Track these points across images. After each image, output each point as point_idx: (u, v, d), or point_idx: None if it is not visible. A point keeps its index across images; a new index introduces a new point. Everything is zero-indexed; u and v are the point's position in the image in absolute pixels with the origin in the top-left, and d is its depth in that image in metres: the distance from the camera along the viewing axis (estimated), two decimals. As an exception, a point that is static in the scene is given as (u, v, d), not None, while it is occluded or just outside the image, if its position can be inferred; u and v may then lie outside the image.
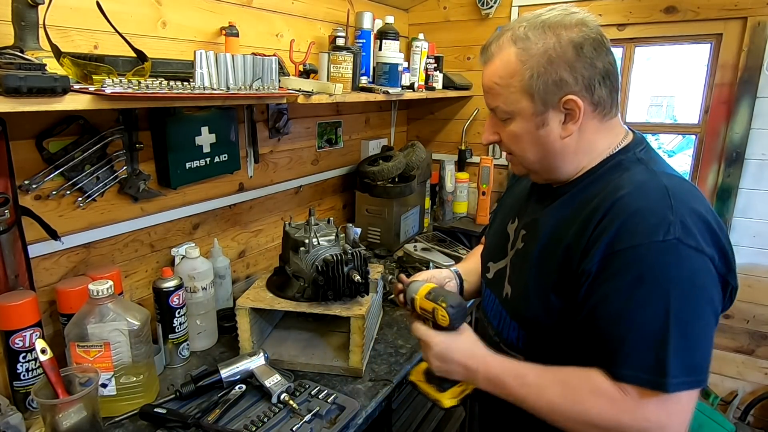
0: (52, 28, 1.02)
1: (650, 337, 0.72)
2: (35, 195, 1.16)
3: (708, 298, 0.73)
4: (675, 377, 0.70)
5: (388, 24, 2.06)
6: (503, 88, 0.83)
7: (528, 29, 0.81)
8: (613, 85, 0.83)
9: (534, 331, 0.90)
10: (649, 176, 0.80)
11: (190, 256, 1.39)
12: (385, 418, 1.35)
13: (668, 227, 0.72)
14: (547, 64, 0.79)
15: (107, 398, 1.10)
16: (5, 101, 0.77)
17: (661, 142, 7.65)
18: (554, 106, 0.81)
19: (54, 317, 1.23)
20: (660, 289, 0.71)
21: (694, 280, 0.72)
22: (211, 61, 1.12)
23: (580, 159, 0.86)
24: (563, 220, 0.85)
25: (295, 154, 1.95)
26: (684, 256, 0.71)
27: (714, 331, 0.75)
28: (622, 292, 0.74)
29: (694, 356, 0.72)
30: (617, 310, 0.74)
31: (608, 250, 0.75)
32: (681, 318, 0.71)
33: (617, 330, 0.74)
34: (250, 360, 1.23)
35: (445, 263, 1.92)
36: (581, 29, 0.80)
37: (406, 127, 2.77)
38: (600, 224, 0.77)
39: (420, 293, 0.95)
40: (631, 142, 0.87)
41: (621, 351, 0.74)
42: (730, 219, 2.06)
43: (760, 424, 2.19)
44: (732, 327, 2.17)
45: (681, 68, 6.45)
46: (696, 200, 0.77)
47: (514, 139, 0.87)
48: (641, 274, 0.72)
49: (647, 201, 0.75)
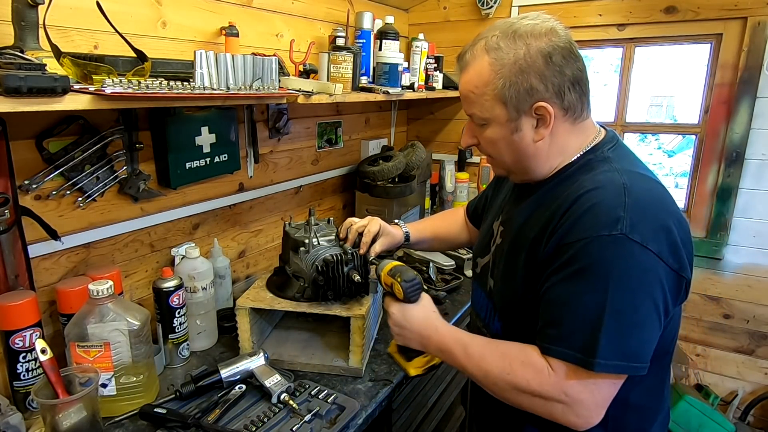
0: (52, 28, 1.02)
1: (586, 322, 0.77)
2: (35, 195, 1.16)
3: (647, 292, 0.77)
4: (603, 359, 0.75)
5: (388, 24, 2.06)
6: (478, 96, 0.88)
7: (500, 39, 0.84)
8: (583, 90, 0.88)
9: (511, 320, 0.97)
10: (610, 175, 0.84)
11: (190, 256, 1.39)
12: (385, 418, 1.35)
13: (616, 222, 0.76)
14: (519, 73, 0.83)
15: (107, 398, 1.10)
16: (5, 101, 0.77)
17: (661, 142, 7.66)
18: (526, 113, 0.86)
19: (54, 317, 1.23)
20: (600, 280, 0.77)
21: (634, 274, 0.76)
22: (211, 61, 1.12)
23: (554, 160, 0.91)
24: (532, 216, 0.92)
25: (295, 154, 1.95)
26: (627, 250, 0.76)
27: (656, 324, 0.79)
28: (567, 280, 0.80)
29: (628, 344, 0.76)
30: (560, 296, 0.81)
31: (561, 241, 0.81)
32: (616, 308, 0.76)
33: (557, 313, 0.81)
34: (250, 360, 1.23)
35: (445, 263, 1.92)
36: (550, 39, 0.83)
37: (406, 127, 2.77)
38: (561, 219, 0.83)
39: (384, 270, 1.06)
40: (601, 141, 0.92)
41: (557, 331, 0.81)
42: (730, 219, 2.06)
43: (760, 424, 2.19)
44: (732, 327, 2.17)
45: (681, 68, 6.45)
46: (653, 197, 0.82)
47: (491, 143, 0.92)
48: (585, 265, 0.78)
49: (602, 198, 0.80)
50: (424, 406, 1.62)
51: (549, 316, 0.83)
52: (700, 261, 2.14)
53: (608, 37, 2.18)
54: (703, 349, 2.26)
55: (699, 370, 2.29)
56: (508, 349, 0.87)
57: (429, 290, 1.74)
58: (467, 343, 0.92)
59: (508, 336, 0.97)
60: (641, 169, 0.89)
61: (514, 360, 0.84)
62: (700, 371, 2.29)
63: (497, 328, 1.00)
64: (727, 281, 2.13)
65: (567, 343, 0.79)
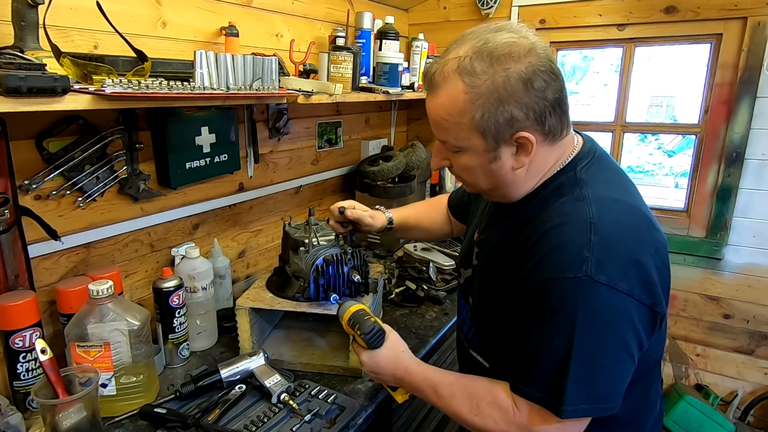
0: (52, 28, 1.02)
1: (553, 365, 0.76)
2: (35, 195, 1.16)
3: (615, 333, 0.75)
4: (571, 404, 0.75)
5: (388, 24, 2.06)
6: (452, 125, 0.81)
7: (474, 60, 0.76)
8: (563, 110, 0.82)
9: (487, 341, 0.98)
10: (579, 206, 0.80)
11: (190, 256, 1.39)
12: (385, 418, 1.35)
13: (581, 264, 0.74)
14: (497, 102, 0.76)
15: (107, 398, 1.10)
16: (5, 101, 0.77)
17: (661, 142, 7.66)
18: (506, 142, 0.80)
19: (54, 317, 1.23)
20: (567, 324, 0.75)
21: (600, 316, 0.74)
22: (211, 61, 1.12)
23: (531, 182, 0.88)
24: (502, 241, 0.91)
25: (295, 154, 1.95)
26: (593, 292, 0.73)
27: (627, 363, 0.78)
28: (536, 319, 0.79)
29: (595, 386, 0.75)
30: (529, 336, 0.80)
31: (529, 277, 0.79)
32: (583, 351, 0.74)
33: (526, 353, 0.80)
34: (250, 360, 1.23)
35: (445, 263, 1.92)
36: (530, 61, 0.76)
37: (406, 127, 2.77)
38: (528, 252, 0.81)
39: (344, 318, 1.04)
40: (576, 156, 0.87)
41: (525, 371, 0.80)
42: (730, 219, 2.06)
43: (760, 424, 2.19)
44: (732, 327, 2.17)
45: (681, 68, 6.45)
46: (623, 230, 0.78)
47: (466, 169, 0.87)
48: (551, 307, 0.77)
49: (567, 236, 0.77)
50: (424, 406, 1.62)
51: (519, 354, 0.82)
52: (700, 261, 2.14)
53: (608, 37, 2.18)
54: (703, 349, 2.26)
55: (699, 370, 2.29)
56: (475, 389, 0.87)
57: (429, 290, 1.74)
58: (436, 383, 0.91)
59: (485, 353, 0.99)
60: (615, 190, 0.85)
61: (481, 401, 0.84)
62: (700, 371, 2.29)
63: (477, 345, 1.01)
64: (727, 281, 2.13)
65: (535, 384, 0.78)
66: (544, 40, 0.80)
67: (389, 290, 1.75)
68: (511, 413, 0.80)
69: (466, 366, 1.09)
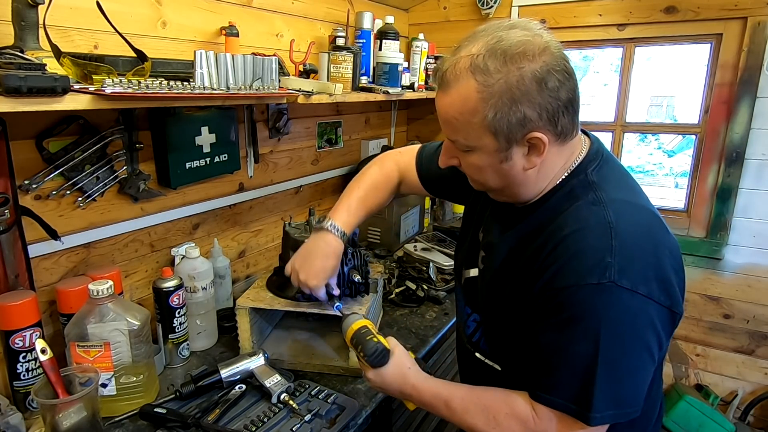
0: (52, 28, 1.02)
1: (579, 373, 0.75)
2: (35, 195, 1.16)
3: (638, 337, 0.75)
4: (598, 411, 0.74)
5: (388, 24, 2.06)
6: (463, 124, 0.79)
7: (488, 58, 0.74)
8: (575, 110, 0.80)
9: (498, 347, 0.96)
10: (596, 210, 0.79)
11: (190, 256, 1.39)
12: (385, 418, 1.35)
13: (604, 270, 0.73)
14: (510, 102, 0.74)
15: (107, 398, 1.10)
16: (5, 101, 0.77)
17: (661, 142, 7.66)
18: (518, 142, 0.79)
19: (54, 317, 1.23)
20: (591, 330, 0.74)
21: (625, 321, 0.74)
22: (211, 61, 1.12)
23: (542, 184, 0.86)
24: (515, 250, 0.89)
25: (295, 154, 1.95)
26: (616, 297, 0.73)
27: (649, 365, 0.77)
28: (557, 327, 0.77)
29: (621, 392, 0.75)
30: (550, 344, 0.78)
31: (548, 285, 0.78)
32: (609, 357, 0.73)
33: (548, 361, 0.79)
34: (250, 360, 1.23)
35: (445, 263, 1.92)
36: (544, 60, 0.74)
37: (406, 127, 2.77)
38: (546, 259, 0.79)
39: (347, 336, 1.01)
40: (585, 158, 0.86)
41: (548, 379, 0.78)
42: (730, 219, 2.06)
43: (760, 424, 2.19)
44: (732, 327, 2.17)
45: (681, 68, 6.45)
46: (641, 232, 0.78)
47: (476, 169, 0.85)
48: (574, 314, 0.75)
49: (587, 241, 0.76)
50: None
51: (540, 362, 0.80)
52: (700, 261, 2.14)
53: (608, 37, 2.18)
54: (703, 349, 2.26)
55: (699, 370, 2.29)
56: (491, 401, 0.85)
57: (429, 290, 1.74)
58: (448, 398, 0.89)
59: (495, 357, 0.97)
60: (626, 192, 0.84)
61: (498, 413, 0.82)
62: (700, 371, 2.29)
63: (485, 348, 1.00)
64: (727, 281, 2.13)
65: (557, 392, 0.77)
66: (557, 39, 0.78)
67: (389, 290, 1.75)
68: (531, 422, 0.79)
69: (471, 369, 1.07)
